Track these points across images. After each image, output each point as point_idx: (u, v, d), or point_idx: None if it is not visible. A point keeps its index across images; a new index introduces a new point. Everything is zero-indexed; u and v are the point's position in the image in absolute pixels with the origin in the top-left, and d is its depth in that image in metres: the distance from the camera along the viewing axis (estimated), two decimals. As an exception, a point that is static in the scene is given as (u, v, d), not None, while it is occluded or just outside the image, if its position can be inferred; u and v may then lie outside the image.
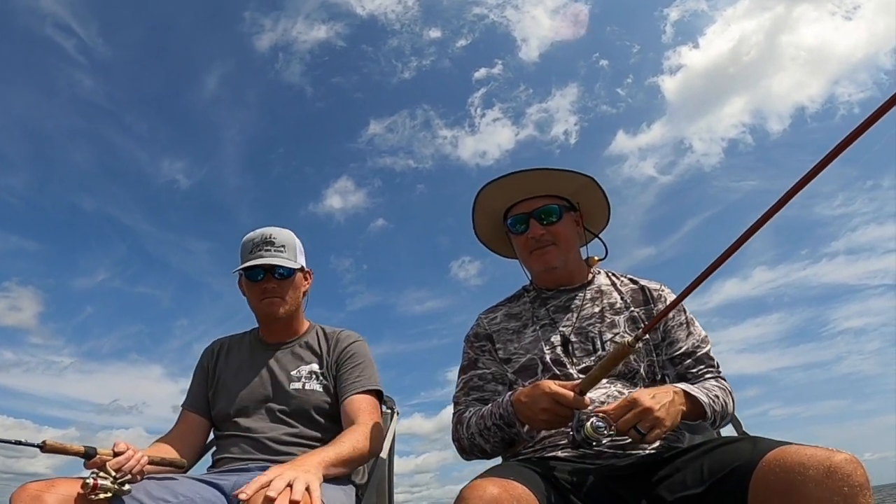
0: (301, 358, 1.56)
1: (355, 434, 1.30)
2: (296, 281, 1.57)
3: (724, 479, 0.91)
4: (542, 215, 1.37)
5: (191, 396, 1.61)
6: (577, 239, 1.44)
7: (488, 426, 1.21)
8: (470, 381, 1.38)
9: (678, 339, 1.30)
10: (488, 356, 1.40)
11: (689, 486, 0.95)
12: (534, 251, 1.38)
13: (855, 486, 0.78)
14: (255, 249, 1.53)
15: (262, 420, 1.46)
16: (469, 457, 1.34)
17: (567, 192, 1.42)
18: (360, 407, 1.42)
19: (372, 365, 1.56)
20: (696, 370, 1.28)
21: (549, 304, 1.40)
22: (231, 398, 1.51)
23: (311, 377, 1.51)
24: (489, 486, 0.90)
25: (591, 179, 1.40)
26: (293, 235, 1.59)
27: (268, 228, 1.57)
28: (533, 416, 1.08)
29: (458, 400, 1.39)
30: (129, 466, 1.12)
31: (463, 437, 1.30)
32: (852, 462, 0.80)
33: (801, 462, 0.81)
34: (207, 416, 1.57)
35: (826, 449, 0.82)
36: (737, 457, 0.91)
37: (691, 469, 0.97)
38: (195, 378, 1.64)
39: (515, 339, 1.37)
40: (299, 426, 1.46)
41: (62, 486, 1.04)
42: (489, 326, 1.44)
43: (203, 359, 1.66)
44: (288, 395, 1.48)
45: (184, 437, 1.51)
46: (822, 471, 0.79)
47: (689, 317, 1.34)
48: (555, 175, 1.38)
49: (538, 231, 1.36)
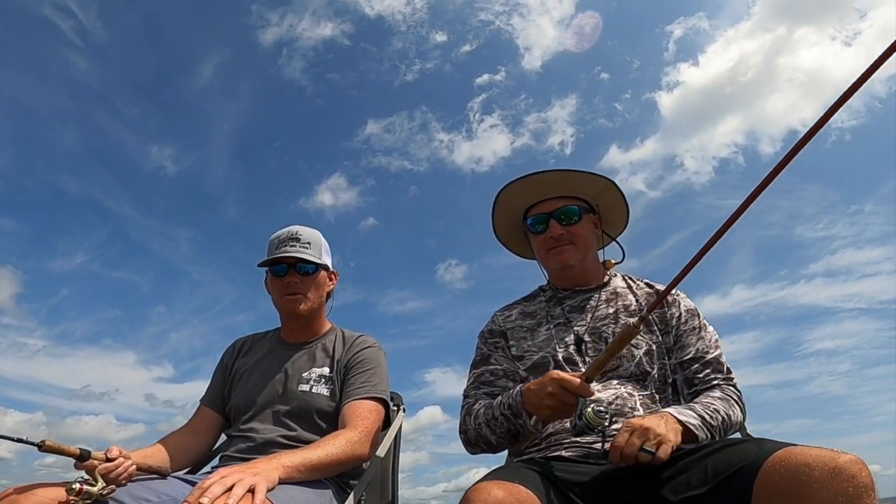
0: (315, 360, 1.54)
1: (336, 439, 1.26)
2: (319, 279, 1.55)
3: (729, 479, 0.90)
4: (561, 216, 1.38)
5: (208, 392, 1.61)
6: (594, 241, 1.45)
7: (496, 416, 1.21)
8: (481, 376, 1.38)
9: (689, 344, 1.30)
10: (501, 353, 1.40)
11: (693, 487, 0.95)
12: (551, 249, 1.39)
13: (860, 487, 0.77)
14: (281, 246, 1.52)
15: (265, 421, 1.45)
16: (474, 449, 1.33)
17: (587, 194, 1.43)
18: (356, 412, 1.37)
19: (381, 372, 1.51)
20: (702, 375, 1.27)
21: (565, 303, 1.41)
22: (243, 397, 1.51)
23: (321, 380, 1.49)
24: (494, 489, 0.90)
25: (611, 182, 1.42)
26: (319, 234, 1.59)
27: (295, 226, 1.56)
28: (539, 403, 1.09)
29: (468, 393, 1.39)
30: (117, 474, 1.12)
31: (470, 428, 1.30)
32: (857, 463, 0.80)
33: (805, 463, 0.80)
34: (222, 413, 1.57)
35: (831, 450, 0.82)
36: (741, 457, 0.90)
37: (695, 470, 0.97)
38: (215, 374, 1.64)
39: (529, 337, 1.38)
40: (298, 429, 1.43)
41: (42, 491, 1.04)
42: (504, 323, 1.44)
43: (224, 356, 1.67)
44: (294, 396, 1.46)
45: (195, 432, 1.52)
46: (826, 472, 0.78)
47: (702, 321, 1.34)
48: (575, 176, 1.39)
49: (557, 231, 1.37)
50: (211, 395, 1.60)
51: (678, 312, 1.34)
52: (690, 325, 1.32)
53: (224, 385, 1.60)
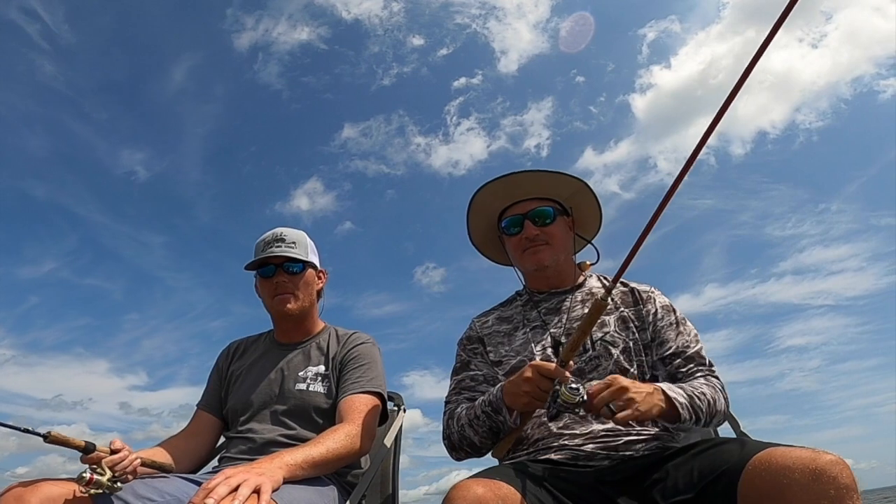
0: (311, 359, 1.55)
1: (335, 434, 1.27)
2: (307, 277, 1.57)
3: (714, 482, 0.91)
4: (536, 217, 1.39)
5: (205, 396, 1.62)
6: (569, 242, 1.46)
7: (478, 415, 1.21)
8: (462, 382, 1.38)
9: (668, 339, 1.30)
10: (480, 359, 1.40)
11: (680, 491, 0.95)
12: (526, 250, 1.39)
13: (841, 489, 0.77)
14: (267, 247, 1.53)
15: (263, 421, 1.46)
16: (459, 454, 1.32)
17: (561, 195, 1.44)
18: (353, 406, 1.38)
19: (376, 367, 1.52)
20: (685, 369, 1.27)
21: (541, 306, 1.41)
22: (240, 398, 1.52)
23: (317, 378, 1.50)
24: (474, 486, 0.90)
25: (583, 183, 1.43)
26: (305, 234, 1.60)
27: (279, 228, 1.58)
28: (517, 391, 1.09)
29: (450, 399, 1.38)
30: (123, 466, 1.13)
31: (453, 432, 1.29)
32: (838, 464, 0.80)
33: (786, 465, 0.81)
34: (219, 416, 1.58)
35: (812, 450, 0.82)
36: (725, 459, 0.91)
37: (682, 472, 0.98)
38: (210, 378, 1.65)
39: (506, 342, 1.38)
40: (297, 428, 1.43)
41: (46, 487, 1.05)
42: (481, 330, 1.44)
43: (219, 359, 1.68)
44: (291, 395, 1.47)
45: (194, 435, 1.53)
46: (807, 474, 0.79)
47: (679, 316, 1.35)
48: (549, 177, 1.41)
49: (532, 231, 1.38)
50: (207, 399, 1.60)
51: (654, 308, 1.35)
52: (667, 321, 1.33)
53: (220, 388, 1.61)
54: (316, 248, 1.63)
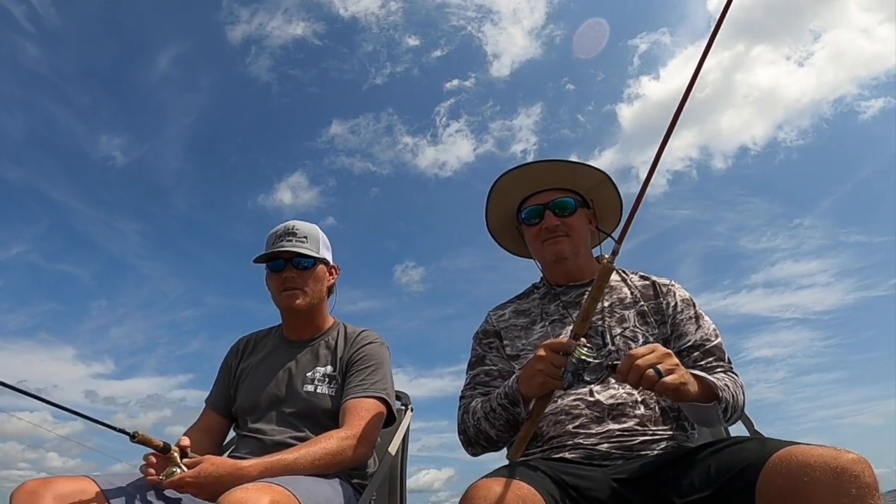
0: (319, 359, 1.52)
1: (329, 440, 1.26)
2: (317, 272, 1.53)
3: (732, 480, 0.89)
4: (556, 207, 1.37)
5: (213, 393, 1.61)
6: (588, 235, 1.43)
7: (494, 407, 1.19)
8: (477, 377, 1.35)
9: (687, 332, 1.28)
10: (496, 353, 1.37)
11: (697, 489, 0.93)
12: (546, 241, 1.37)
13: (863, 488, 0.76)
14: (277, 241, 1.50)
15: (270, 422, 1.44)
16: (475, 449, 1.29)
17: (582, 187, 1.41)
18: (354, 411, 1.35)
19: (382, 370, 1.48)
20: (704, 363, 1.23)
21: (560, 299, 1.38)
22: (247, 397, 1.50)
23: (325, 380, 1.47)
24: (494, 486, 0.89)
25: (605, 176, 1.41)
26: (317, 228, 1.57)
27: (291, 221, 1.55)
28: (531, 372, 1.07)
29: (465, 394, 1.35)
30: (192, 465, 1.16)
31: (469, 426, 1.26)
32: (861, 462, 0.79)
33: (808, 463, 0.79)
34: (227, 414, 1.56)
35: (834, 449, 0.81)
36: (744, 457, 0.89)
37: (699, 471, 0.96)
38: (219, 375, 1.63)
39: (524, 336, 1.35)
40: (306, 430, 1.41)
41: (59, 484, 1.07)
42: (497, 323, 1.41)
43: (228, 356, 1.65)
44: (299, 397, 1.44)
45: (207, 431, 1.53)
46: (829, 472, 0.77)
47: (698, 311, 1.32)
48: (571, 168, 1.39)
49: (553, 221, 1.35)
50: (216, 397, 1.59)
51: (673, 302, 1.32)
52: (687, 315, 1.31)
53: (229, 386, 1.59)
54: (329, 243, 1.60)
